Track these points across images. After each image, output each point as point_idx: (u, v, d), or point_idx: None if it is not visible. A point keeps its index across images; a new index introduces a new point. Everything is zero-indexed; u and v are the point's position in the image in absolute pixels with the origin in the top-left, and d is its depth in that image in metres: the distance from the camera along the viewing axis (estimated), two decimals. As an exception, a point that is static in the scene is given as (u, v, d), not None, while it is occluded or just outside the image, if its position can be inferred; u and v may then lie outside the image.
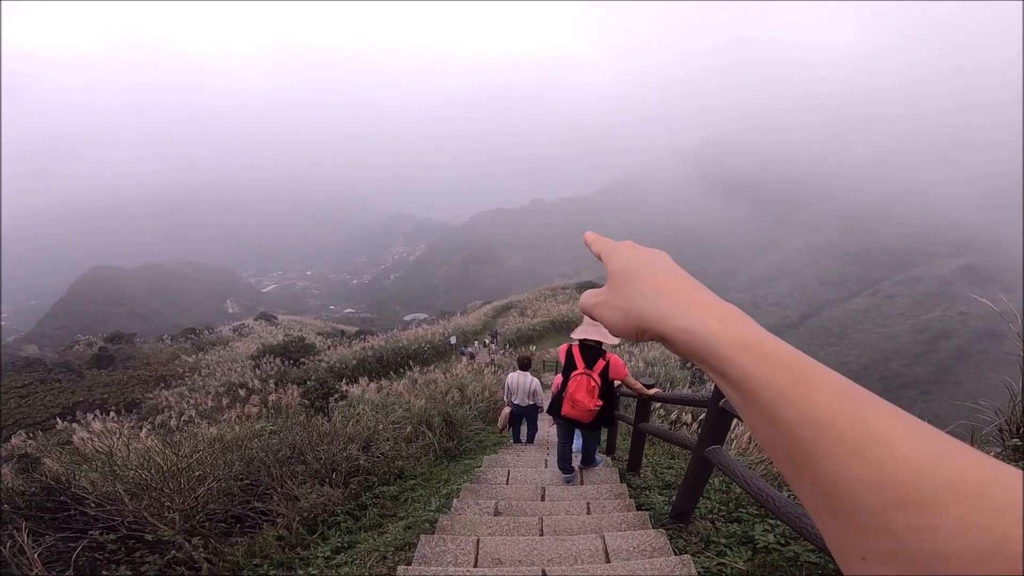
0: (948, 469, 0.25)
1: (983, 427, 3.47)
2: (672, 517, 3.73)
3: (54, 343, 61.84)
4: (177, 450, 5.13)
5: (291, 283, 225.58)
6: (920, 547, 0.24)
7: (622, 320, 0.45)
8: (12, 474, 8.62)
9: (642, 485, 4.94)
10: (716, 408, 3.26)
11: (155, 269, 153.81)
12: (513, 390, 7.80)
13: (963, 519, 0.23)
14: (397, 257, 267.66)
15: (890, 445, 0.27)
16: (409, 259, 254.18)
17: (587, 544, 3.16)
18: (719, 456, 3.23)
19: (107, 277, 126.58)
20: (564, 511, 4.14)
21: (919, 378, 73.32)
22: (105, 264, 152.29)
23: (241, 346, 29.29)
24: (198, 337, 34.79)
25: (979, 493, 0.24)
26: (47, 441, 13.79)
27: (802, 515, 2.33)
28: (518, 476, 5.45)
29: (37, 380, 23.22)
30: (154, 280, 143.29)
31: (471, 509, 4.09)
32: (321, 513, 4.72)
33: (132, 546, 3.65)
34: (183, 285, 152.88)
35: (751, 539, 3.24)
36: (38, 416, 19.08)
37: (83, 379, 24.09)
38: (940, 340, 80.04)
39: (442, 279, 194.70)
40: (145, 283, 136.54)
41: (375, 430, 7.29)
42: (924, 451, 0.26)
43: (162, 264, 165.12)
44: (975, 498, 0.23)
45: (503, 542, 3.12)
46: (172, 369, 24.83)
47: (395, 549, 3.54)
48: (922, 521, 0.24)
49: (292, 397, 13.40)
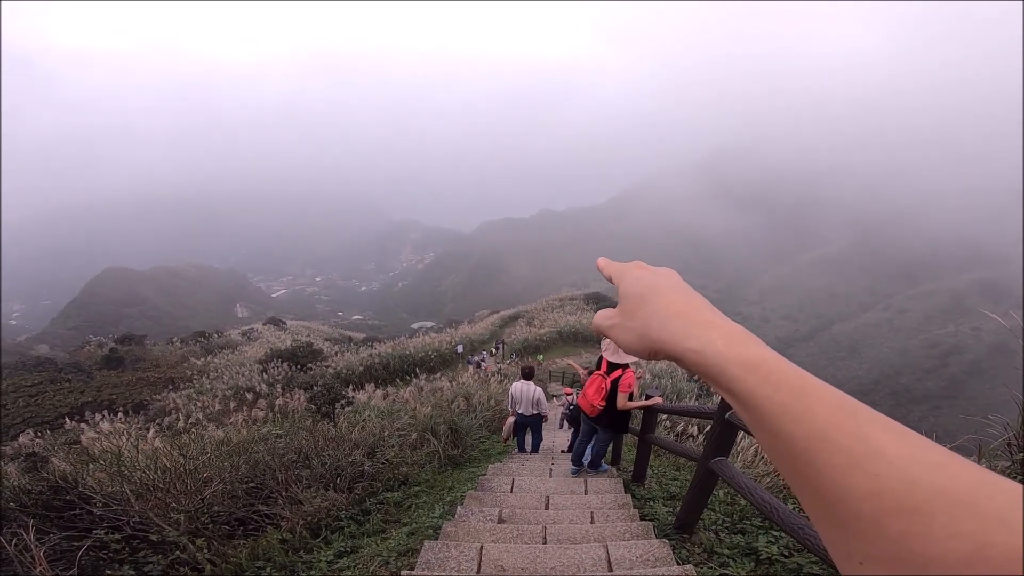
0: (939, 478, 0.26)
1: (992, 441, 3.46)
2: (676, 528, 3.72)
3: (65, 343, 62.40)
4: (184, 452, 5.17)
5: (301, 289, 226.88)
6: (912, 552, 0.25)
7: (636, 341, 0.47)
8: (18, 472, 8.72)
9: (646, 496, 4.93)
10: (722, 420, 3.25)
11: (167, 271, 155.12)
12: (517, 400, 7.74)
13: (950, 525, 0.25)
14: (405, 265, 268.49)
15: (885, 456, 0.28)
16: (417, 267, 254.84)
17: (590, 553, 3.14)
18: (724, 467, 3.22)
19: (120, 278, 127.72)
20: (568, 520, 4.13)
21: (930, 393, 72.41)
22: (119, 264, 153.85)
23: (249, 350, 29.41)
24: (207, 340, 34.97)
25: (966, 501, 0.25)
26: (54, 440, 13.89)
27: (805, 526, 2.34)
28: (522, 485, 5.44)
29: (47, 379, 23.43)
30: (166, 282, 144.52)
31: (475, 516, 4.08)
32: (325, 517, 4.73)
33: (136, 546, 3.67)
34: (194, 288, 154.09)
35: (755, 550, 3.23)
36: (46, 415, 19.22)
37: (92, 379, 24.28)
38: (952, 355, 79.03)
39: (449, 287, 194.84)
40: (157, 285, 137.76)
41: (380, 436, 7.31)
42: (917, 461, 0.28)
43: (174, 267, 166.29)
44: (962, 505, 0.25)
45: (506, 550, 3.12)
46: (181, 371, 24.94)
47: (398, 554, 3.54)
48: (913, 527, 0.26)
49: (299, 402, 13.44)
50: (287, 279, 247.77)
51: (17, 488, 4.73)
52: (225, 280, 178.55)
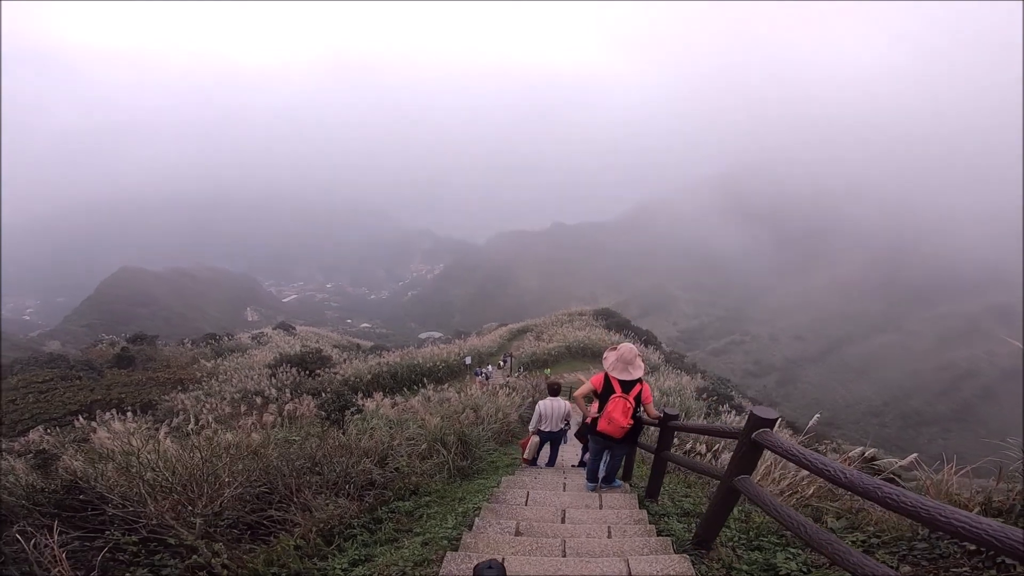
0: None
1: (1010, 464, 3.49)
2: (694, 543, 3.74)
3: (78, 340, 63.04)
4: (203, 454, 5.17)
5: (311, 295, 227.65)
6: None
7: None
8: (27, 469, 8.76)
9: (660, 512, 4.94)
10: (748, 440, 3.23)
11: (180, 273, 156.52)
12: (547, 416, 7.78)
13: None
14: (416, 275, 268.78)
15: None
16: (428, 277, 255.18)
17: (611, 566, 3.14)
18: (748, 485, 3.23)
19: (135, 278, 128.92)
20: (585, 534, 4.12)
21: (940, 415, 71.42)
22: (133, 262, 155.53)
23: (259, 354, 29.54)
24: (218, 343, 35.22)
25: None
26: (64, 438, 13.94)
27: (834, 542, 2.38)
28: (537, 498, 5.44)
29: (58, 376, 23.61)
30: (179, 284, 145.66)
31: (492, 528, 4.07)
32: (337, 525, 4.71)
33: (153, 549, 3.65)
34: (205, 290, 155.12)
35: (773, 566, 3.26)
36: (56, 412, 19.31)
37: (103, 378, 24.43)
38: (965, 379, 78.01)
39: (458, 298, 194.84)
40: (170, 286, 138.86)
41: (390, 445, 7.30)
42: None
43: (187, 268, 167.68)
44: None
45: (528, 562, 3.11)
46: (190, 373, 25.07)
47: (414, 564, 3.53)
48: None
49: (308, 408, 13.46)
50: (298, 284, 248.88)
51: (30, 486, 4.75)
52: (237, 283, 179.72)
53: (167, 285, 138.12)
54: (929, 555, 3.28)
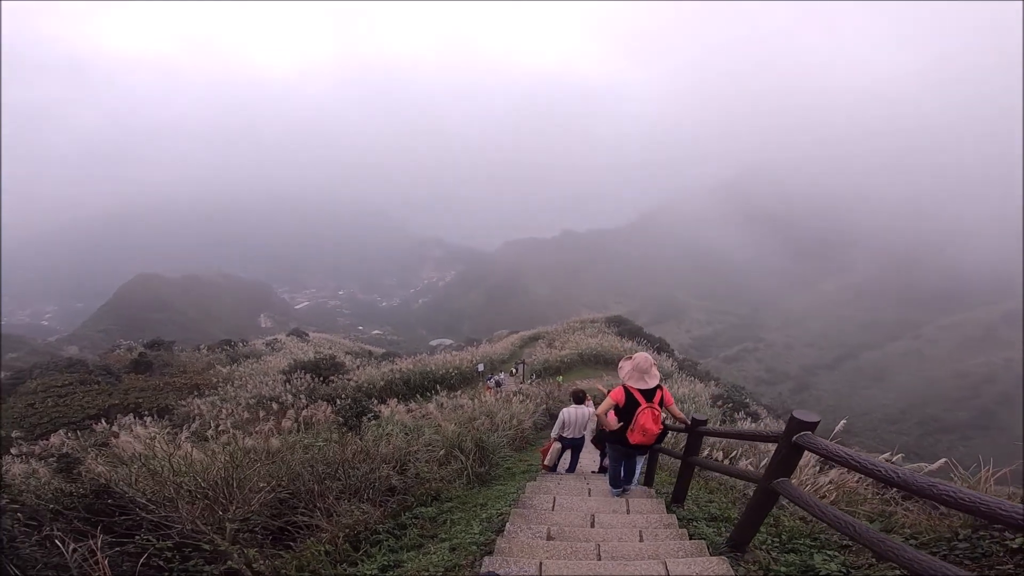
0: None
1: None
2: (729, 546, 3.74)
3: (95, 346, 63.82)
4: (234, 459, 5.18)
5: (323, 301, 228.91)
6: None
7: None
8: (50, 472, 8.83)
9: (688, 516, 4.94)
10: (788, 443, 3.18)
11: (196, 280, 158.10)
12: (570, 423, 7.82)
13: None
14: (427, 282, 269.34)
15: None
16: (439, 284, 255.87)
17: (649, 569, 3.13)
18: (788, 488, 3.22)
19: (151, 285, 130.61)
20: (617, 538, 4.11)
21: (960, 423, 70.17)
22: (149, 268, 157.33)
23: (273, 360, 29.73)
24: (233, 349, 35.48)
25: None
26: (85, 442, 14.07)
27: (884, 539, 2.39)
28: (564, 503, 5.44)
29: (77, 381, 23.88)
30: (194, 290, 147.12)
31: (523, 533, 4.06)
32: (363, 530, 4.70)
33: (186, 554, 3.62)
34: (220, 296, 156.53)
35: (811, 568, 3.27)
36: (75, 416, 19.52)
37: (121, 383, 24.67)
38: (984, 385, 76.74)
39: (468, 305, 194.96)
40: (186, 292, 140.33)
41: (408, 451, 7.30)
42: None
43: (202, 275, 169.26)
44: None
45: (565, 566, 3.10)
46: (206, 378, 25.25)
47: (444, 570, 3.52)
48: None
49: (324, 413, 13.49)
50: (310, 291, 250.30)
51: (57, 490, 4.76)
52: (251, 290, 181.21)
53: (182, 291, 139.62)
54: (971, 554, 3.27)
